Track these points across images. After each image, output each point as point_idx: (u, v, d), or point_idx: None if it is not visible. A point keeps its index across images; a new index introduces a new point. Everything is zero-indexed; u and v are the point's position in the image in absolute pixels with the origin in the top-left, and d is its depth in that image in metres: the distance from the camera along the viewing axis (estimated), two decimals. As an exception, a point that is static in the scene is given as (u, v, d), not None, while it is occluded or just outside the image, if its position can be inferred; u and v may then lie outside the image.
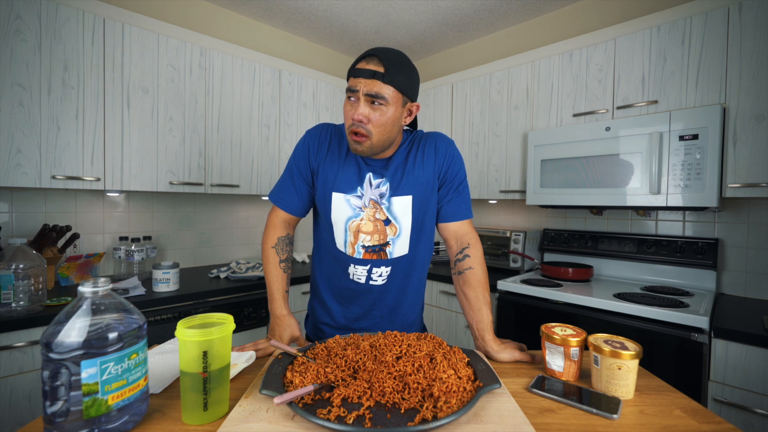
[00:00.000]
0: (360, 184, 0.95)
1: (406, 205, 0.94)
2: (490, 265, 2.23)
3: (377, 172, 0.95)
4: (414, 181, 0.95)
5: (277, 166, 2.23)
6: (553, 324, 0.85)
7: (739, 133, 1.46)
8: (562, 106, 1.94)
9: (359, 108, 0.85)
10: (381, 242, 0.95)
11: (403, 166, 0.96)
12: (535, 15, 2.33)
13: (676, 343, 1.34)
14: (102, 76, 1.61)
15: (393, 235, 0.95)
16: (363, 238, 0.95)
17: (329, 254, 1.01)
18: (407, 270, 1.00)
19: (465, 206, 1.00)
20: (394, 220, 0.94)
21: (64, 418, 0.50)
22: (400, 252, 0.97)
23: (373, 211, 0.94)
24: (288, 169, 1.01)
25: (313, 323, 1.10)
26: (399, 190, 0.94)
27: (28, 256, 1.35)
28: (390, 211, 0.94)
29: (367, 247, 0.95)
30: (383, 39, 2.66)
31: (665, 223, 1.88)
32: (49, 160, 1.50)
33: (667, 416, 0.64)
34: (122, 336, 0.55)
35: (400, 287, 1.00)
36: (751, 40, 1.43)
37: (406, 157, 0.97)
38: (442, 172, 0.97)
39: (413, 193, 0.95)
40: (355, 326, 1.03)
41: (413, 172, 0.95)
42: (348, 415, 0.57)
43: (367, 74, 0.83)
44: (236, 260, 2.15)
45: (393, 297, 1.01)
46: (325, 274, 1.04)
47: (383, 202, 0.94)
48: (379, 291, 0.99)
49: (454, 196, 0.99)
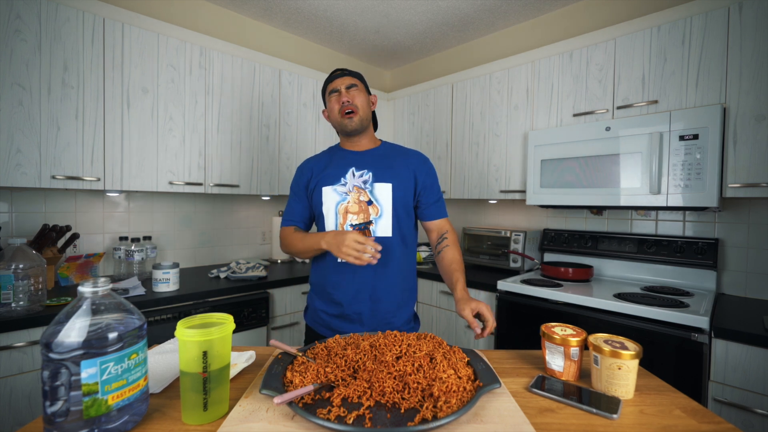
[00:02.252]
0: (343, 175, 1.17)
1: (387, 191, 1.15)
2: (490, 265, 2.23)
3: (359, 166, 1.18)
4: (394, 174, 1.17)
5: (277, 166, 2.23)
6: (553, 324, 0.85)
7: (740, 133, 1.46)
8: (562, 106, 1.94)
9: (344, 94, 1.17)
10: (365, 220, 1.14)
11: (384, 161, 1.20)
12: (535, 15, 2.33)
13: (676, 343, 1.34)
14: (102, 75, 1.61)
15: (375, 215, 1.15)
16: (350, 218, 1.15)
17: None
18: (389, 251, 1.15)
19: (443, 208, 1.25)
20: (375, 202, 1.15)
21: (64, 418, 0.50)
22: (383, 232, 1.15)
23: (357, 195, 1.15)
24: (290, 195, 1.28)
25: (312, 311, 1.24)
26: (381, 178, 1.16)
27: (27, 256, 1.35)
28: (372, 194, 1.15)
29: (354, 225, 1.14)
30: (383, 39, 2.66)
31: (665, 223, 1.88)
32: (49, 160, 1.50)
33: (667, 416, 0.64)
34: (122, 336, 0.55)
35: (384, 267, 1.15)
36: (752, 40, 1.42)
37: (385, 154, 1.22)
38: (421, 179, 1.20)
39: (393, 183, 1.16)
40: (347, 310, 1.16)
41: (394, 167, 1.18)
42: (348, 415, 0.57)
43: (340, 75, 1.21)
44: (236, 260, 2.15)
45: (375, 274, 1.15)
46: (319, 264, 1.22)
47: (367, 187, 1.15)
48: (365, 268, 1.14)
49: (435, 201, 1.23)
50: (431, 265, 2.38)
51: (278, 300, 1.94)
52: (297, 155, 2.32)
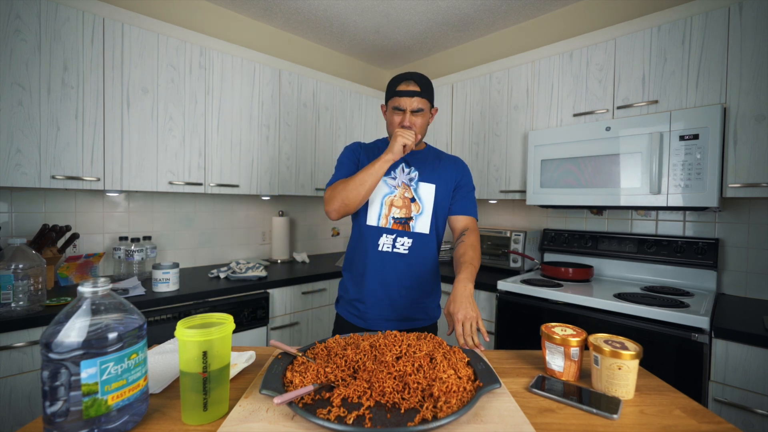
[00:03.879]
0: (394, 169, 1.22)
1: (430, 191, 1.22)
2: (490, 265, 2.23)
3: (408, 163, 1.23)
4: (438, 176, 1.23)
5: (277, 166, 2.23)
6: (553, 324, 0.85)
7: (740, 133, 1.46)
8: (562, 106, 1.94)
9: (407, 118, 1.15)
10: (406, 216, 1.20)
11: (431, 162, 1.25)
12: (535, 15, 2.33)
13: (677, 343, 1.34)
14: (102, 75, 1.61)
15: (416, 211, 1.20)
16: (394, 211, 1.20)
17: (362, 234, 1.23)
18: (425, 247, 1.21)
19: (473, 206, 1.26)
20: (418, 200, 1.21)
21: (64, 418, 0.50)
22: (421, 229, 1.20)
23: (403, 190, 1.21)
24: (338, 166, 1.26)
25: (346, 301, 1.27)
26: (426, 178, 1.22)
27: (27, 256, 1.34)
28: (416, 192, 1.21)
29: (396, 218, 1.20)
30: (383, 39, 2.66)
31: (665, 223, 1.88)
32: (49, 160, 1.50)
33: (667, 416, 0.64)
34: (122, 336, 0.55)
35: (417, 259, 1.20)
36: (752, 40, 1.42)
37: (432, 157, 1.27)
38: (458, 179, 1.26)
39: (437, 184, 1.22)
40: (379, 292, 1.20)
41: (438, 169, 1.24)
42: (348, 415, 0.57)
43: (410, 94, 1.15)
44: (236, 260, 2.15)
45: (410, 266, 1.20)
46: (356, 250, 1.26)
47: (412, 185, 1.21)
48: (400, 258, 1.20)
49: (466, 196, 1.26)
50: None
51: (278, 300, 1.94)
52: (297, 155, 2.32)
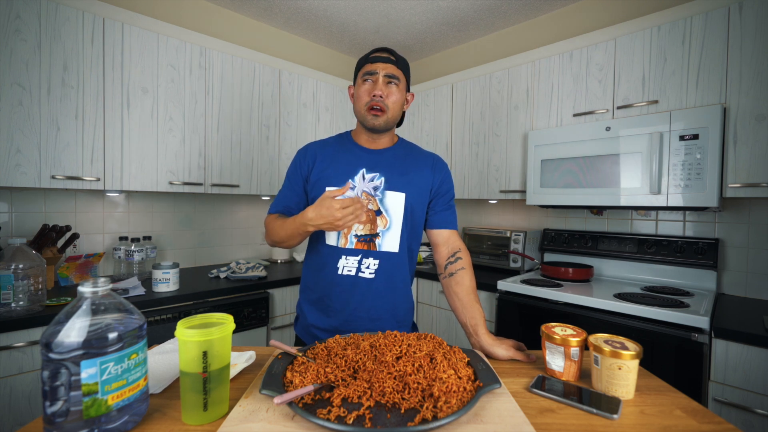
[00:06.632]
0: (352, 177, 1.01)
1: (399, 201, 1.01)
2: (490, 265, 2.23)
3: (370, 167, 1.02)
4: (409, 182, 1.03)
5: (277, 166, 2.23)
6: (553, 324, 0.85)
7: (740, 133, 1.46)
8: (562, 106, 1.94)
9: (379, 85, 0.98)
10: (372, 232, 1.00)
11: (399, 165, 1.05)
12: (535, 15, 2.33)
13: (677, 343, 1.34)
14: (102, 75, 1.61)
15: (383, 227, 1.01)
16: (356, 227, 1.00)
17: (319, 254, 1.05)
18: (395, 269, 1.03)
19: (454, 218, 1.11)
20: (385, 212, 1.01)
21: (64, 418, 0.50)
22: (389, 247, 1.01)
23: (366, 202, 0.99)
24: (285, 181, 1.10)
25: (302, 326, 1.10)
26: (394, 186, 1.01)
27: (27, 256, 1.34)
28: (383, 203, 1.01)
29: (359, 236, 1.00)
30: (383, 39, 2.66)
31: (665, 223, 1.88)
32: (49, 160, 1.50)
33: (668, 416, 0.64)
34: (122, 336, 0.55)
35: (387, 284, 1.02)
36: (752, 40, 1.42)
37: (402, 156, 1.07)
38: (436, 186, 1.08)
39: (407, 192, 1.02)
40: (343, 327, 1.02)
41: (409, 174, 1.04)
42: (348, 415, 0.56)
43: (385, 60, 0.99)
44: (236, 260, 2.15)
45: (380, 294, 1.02)
46: (312, 272, 1.07)
47: (377, 194, 1.01)
48: (367, 284, 1.01)
49: (446, 207, 1.10)
50: (431, 265, 2.38)
51: (278, 300, 1.94)
52: (297, 155, 2.32)
